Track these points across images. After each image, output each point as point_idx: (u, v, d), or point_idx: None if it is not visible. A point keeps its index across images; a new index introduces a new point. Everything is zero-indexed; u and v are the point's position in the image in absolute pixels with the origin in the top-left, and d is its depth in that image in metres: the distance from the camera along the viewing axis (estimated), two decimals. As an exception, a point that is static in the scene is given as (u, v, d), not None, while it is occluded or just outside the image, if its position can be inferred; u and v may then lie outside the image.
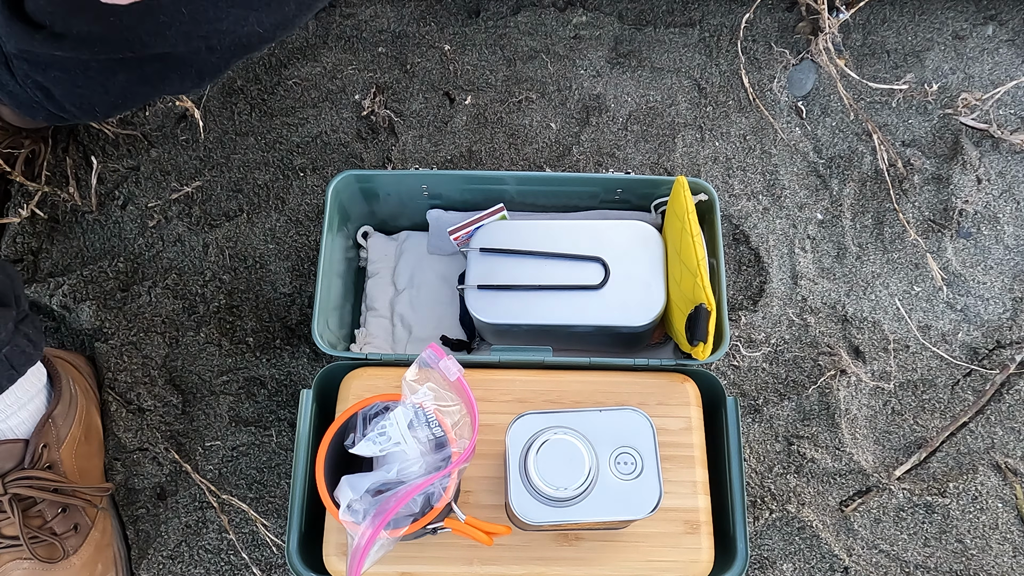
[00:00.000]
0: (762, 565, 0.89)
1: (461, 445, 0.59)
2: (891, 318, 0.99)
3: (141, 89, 0.84)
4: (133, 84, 0.80)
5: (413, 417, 0.58)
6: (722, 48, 1.12)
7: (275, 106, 1.08)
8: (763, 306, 0.99)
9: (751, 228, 1.02)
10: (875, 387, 0.95)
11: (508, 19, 1.13)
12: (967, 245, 1.02)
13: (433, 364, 0.59)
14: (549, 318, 0.80)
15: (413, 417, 0.58)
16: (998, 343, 0.98)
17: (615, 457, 0.64)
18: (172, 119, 1.06)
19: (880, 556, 0.89)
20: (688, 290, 0.76)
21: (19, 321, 0.71)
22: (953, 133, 1.07)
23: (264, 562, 0.88)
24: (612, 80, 1.10)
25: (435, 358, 0.59)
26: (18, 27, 0.72)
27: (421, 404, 0.58)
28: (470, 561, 0.70)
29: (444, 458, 0.59)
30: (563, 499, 0.63)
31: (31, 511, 0.78)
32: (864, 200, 1.04)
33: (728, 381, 0.96)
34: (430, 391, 0.58)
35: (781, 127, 1.08)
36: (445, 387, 0.59)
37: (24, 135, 0.97)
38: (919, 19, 1.14)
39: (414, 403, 0.58)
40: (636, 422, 0.66)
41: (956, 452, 0.93)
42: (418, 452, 0.59)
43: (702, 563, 0.71)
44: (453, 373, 0.59)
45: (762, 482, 0.92)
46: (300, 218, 1.02)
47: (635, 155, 1.06)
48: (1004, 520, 0.90)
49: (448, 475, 0.58)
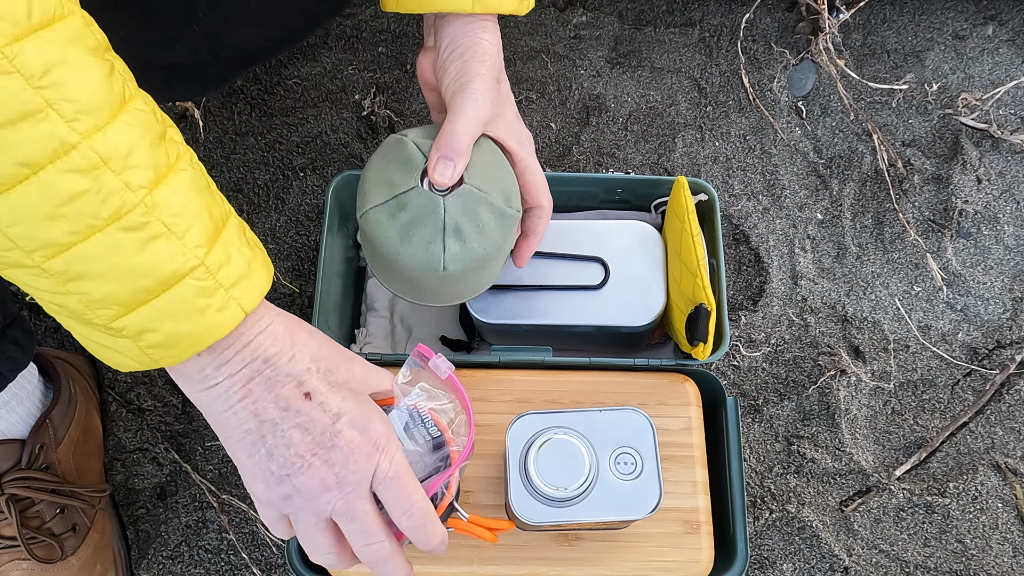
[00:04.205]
0: (762, 565, 0.89)
1: (460, 444, 0.58)
2: (891, 318, 0.99)
3: None
4: None
5: (408, 420, 0.57)
6: (722, 48, 1.12)
7: (275, 106, 1.08)
8: (763, 306, 0.99)
9: (751, 228, 1.02)
10: (875, 387, 0.95)
11: (508, 19, 1.13)
12: (967, 245, 1.02)
13: (423, 364, 0.58)
14: (549, 318, 0.80)
15: (408, 420, 0.57)
16: (998, 343, 0.98)
17: (615, 457, 0.64)
18: (172, 119, 1.06)
19: (880, 556, 0.89)
20: (688, 290, 0.76)
21: (6, 326, 0.70)
22: (953, 133, 1.07)
23: (264, 562, 0.88)
24: (612, 80, 1.10)
25: (425, 357, 0.58)
26: None
27: (415, 406, 0.57)
28: (470, 561, 0.70)
29: (443, 458, 0.58)
30: (563, 499, 0.63)
31: (29, 512, 0.78)
32: (864, 200, 1.04)
33: (728, 381, 0.96)
34: (423, 392, 0.57)
35: (781, 127, 1.08)
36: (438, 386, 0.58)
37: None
38: (919, 19, 1.14)
39: (408, 405, 0.57)
40: (636, 422, 0.66)
41: (956, 452, 0.93)
42: (417, 455, 0.58)
43: (702, 563, 0.71)
44: (444, 371, 0.58)
45: (762, 482, 0.92)
46: (300, 218, 1.02)
47: (635, 155, 1.06)
48: (1004, 520, 0.90)
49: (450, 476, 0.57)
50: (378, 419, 0.53)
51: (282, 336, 0.50)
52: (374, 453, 0.51)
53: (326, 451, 0.50)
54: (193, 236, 0.45)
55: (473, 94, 0.63)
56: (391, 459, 0.52)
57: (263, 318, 0.50)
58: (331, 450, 0.50)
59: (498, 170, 0.66)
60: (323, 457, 0.50)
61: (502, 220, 0.65)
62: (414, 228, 0.63)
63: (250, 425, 0.50)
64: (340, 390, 0.52)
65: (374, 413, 0.53)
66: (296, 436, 0.50)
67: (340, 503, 0.51)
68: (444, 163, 0.62)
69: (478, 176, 0.64)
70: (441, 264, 0.64)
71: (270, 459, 0.50)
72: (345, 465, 0.50)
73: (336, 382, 0.52)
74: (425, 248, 0.63)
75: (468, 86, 0.64)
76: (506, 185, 0.66)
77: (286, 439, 0.50)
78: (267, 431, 0.50)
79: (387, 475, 0.52)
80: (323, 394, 0.51)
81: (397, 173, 0.64)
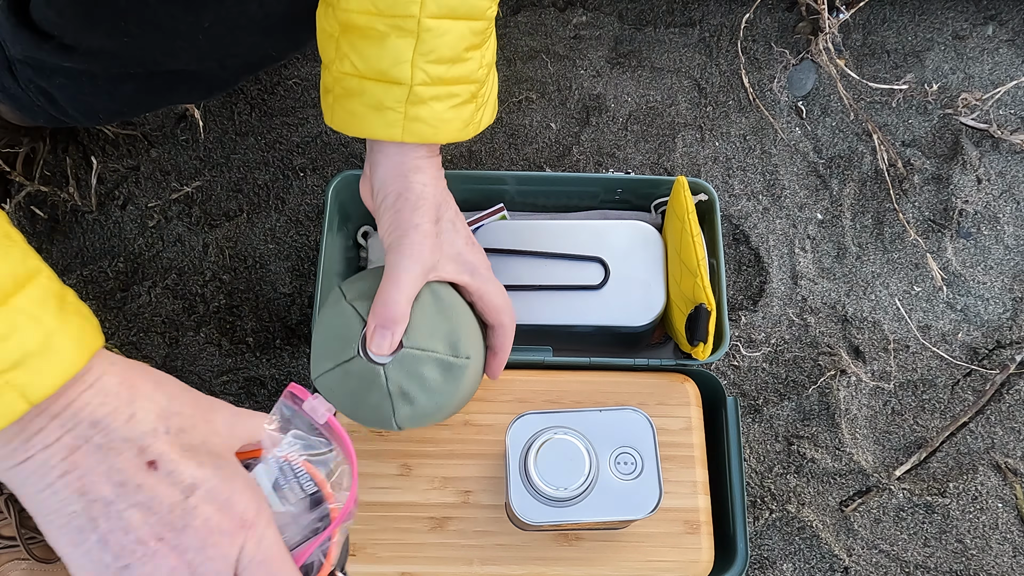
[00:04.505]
0: (762, 565, 0.89)
1: (340, 499, 0.48)
2: (891, 318, 0.99)
3: (148, 99, 0.83)
4: (140, 94, 0.79)
5: (279, 475, 0.47)
6: (722, 48, 1.12)
7: (275, 106, 1.08)
8: (763, 306, 0.99)
9: (751, 228, 1.02)
10: (875, 387, 0.95)
11: (508, 19, 1.13)
12: (967, 245, 1.02)
13: (296, 407, 0.48)
14: (549, 318, 0.80)
15: (279, 475, 0.47)
16: (998, 343, 0.98)
17: (615, 457, 0.64)
18: (172, 119, 1.06)
19: (880, 556, 0.89)
20: (688, 290, 0.76)
21: None
22: (953, 133, 1.07)
23: (264, 562, 0.88)
24: (612, 80, 1.10)
25: (298, 399, 0.48)
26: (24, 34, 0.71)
27: (286, 457, 0.47)
28: (470, 561, 0.70)
29: (321, 516, 0.48)
30: (563, 499, 0.63)
31: (29, 511, 0.78)
32: (864, 200, 1.04)
33: (728, 381, 0.96)
34: (296, 439, 0.48)
35: (781, 127, 1.08)
36: (315, 432, 0.49)
37: (23, 133, 0.97)
38: (919, 19, 1.14)
39: (277, 458, 0.47)
40: (636, 422, 0.66)
41: (956, 452, 0.93)
42: (289, 517, 0.48)
43: (702, 563, 0.71)
44: (322, 414, 0.48)
45: (762, 482, 0.92)
46: (300, 218, 1.02)
47: (635, 155, 1.06)
48: (1004, 520, 0.90)
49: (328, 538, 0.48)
50: (245, 487, 0.43)
51: (117, 391, 0.41)
52: (238, 532, 0.42)
53: (176, 534, 0.40)
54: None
55: (408, 250, 0.60)
56: (259, 538, 0.43)
57: (90, 371, 0.41)
58: (183, 532, 0.40)
59: (442, 319, 0.64)
60: (172, 542, 0.40)
61: (449, 372, 0.63)
62: (361, 395, 0.63)
63: (76, 507, 0.40)
64: (196, 454, 0.42)
65: (239, 480, 0.43)
66: (136, 518, 0.40)
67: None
68: (381, 334, 0.60)
69: (418, 334, 0.62)
70: (393, 424, 0.64)
71: (103, 548, 0.40)
72: (201, 550, 0.41)
73: (190, 444, 0.42)
74: (375, 411, 0.63)
75: (402, 241, 0.61)
76: (452, 331, 0.64)
77: (123, 522, 0.40)
78: (98, 513, 0.40)
79: (254, 559, 0.42)
80: (173, 461, 0.41)
81: (337, 342, 0.64)
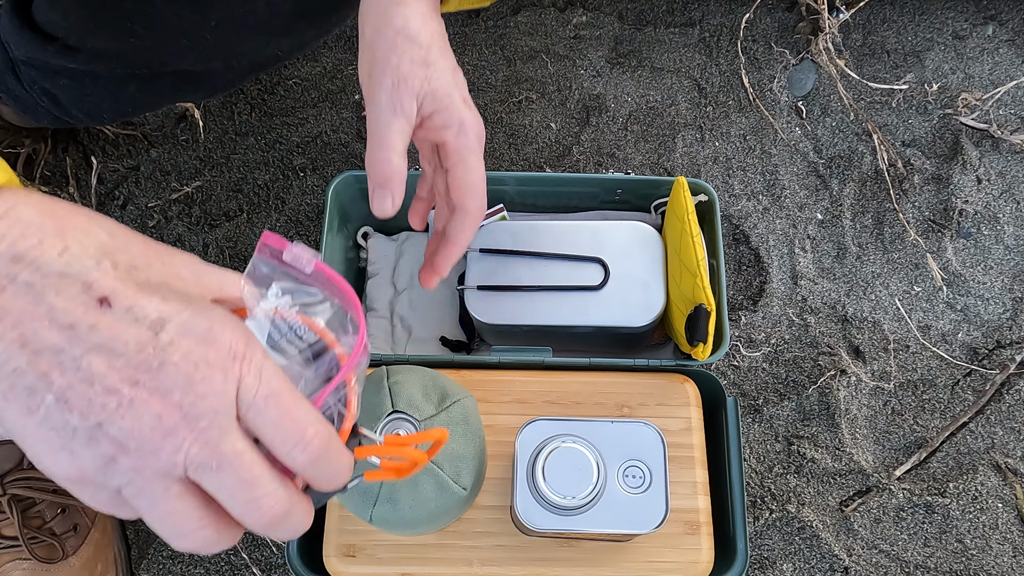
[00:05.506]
0: (762, 565, 0.89)
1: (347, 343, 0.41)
2: (891, 318, 0.99)
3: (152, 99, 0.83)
4: (144, 94, 0.79)
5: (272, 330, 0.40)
6: (722, 48, 1.12)
7: (275, 106, 1.08)
8: (763, 306, 0.99)
9: (751, 228, 1.02)
10: (875, 387, 0.95)
11: (508, 19, 1.13)
12: (967, 245, 1.02)
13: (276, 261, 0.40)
14: (549, 319, 0.80)
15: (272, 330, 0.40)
16: (998, 343, 0.98)
17: (623, 470, 0.64)
18: (172, 119, 1.06)
19: (880, 556, 0.89)
20: (688, 290, 0.76)
21: None
22: (953, 133, 1.07)
23: (264, 562, 0.88)
24: (612, 80, 1.10)
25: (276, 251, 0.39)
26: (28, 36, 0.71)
27: (276, 311, 0.40)
28: (470, 562, 0.70)
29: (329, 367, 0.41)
30: (568, 508, 0.62)
31: (30, 511, 0.79)
32: (864, 200, 1.04)
33: (728, 381, 0.96)
34: (283, 292, 0.40)
35: (781, 127, 1.08)
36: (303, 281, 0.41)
37: (25, 134, 0.97)
38: (919, 19, 1.14)
39: (266, 312, 0.39)
40: (647, 436, 0.65)
41: (956, 452, 0.93)
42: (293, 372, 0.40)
43: (702, 564, 0.71)
44: (307, 262, 0.40)
45: (762, 482, 0.92)
46: (300, 218, 1.02)
47: (635, 155, 1.06)
48: (1004, 520, 0.90)
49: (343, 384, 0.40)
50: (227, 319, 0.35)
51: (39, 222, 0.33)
52: (231, 364, 0.33)
53: (153, 375, 0.32)
54: None
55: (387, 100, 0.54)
56: (258, 370, 0.34)
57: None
58: (160, 371, 0.32)
59: (463, 442, 0.63)
60: (149, 385, 0.32)
61: (442, 493, 0.62)
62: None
63: (18, 362, 0.31)
64: (157, 290, 0.34)
65: (218, 312, 0.35)
66: (98, 363, 0.31)
67: (195, 448, 0.32)
68: (380, 194, 0.57)
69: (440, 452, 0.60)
70: (369, 516, 0.63)
71: (64, 409, 0.31)
72: (189, 388, 0.32)
73: (147, 282, 0.34)
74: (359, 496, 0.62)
75: (379, 91, 0.54)
76: (461, 459, 0.63)
77: (83, 372, 0.31)
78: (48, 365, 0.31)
79: (258, 393, 0.34)
80: (129, 297, 0.33)
81: None
